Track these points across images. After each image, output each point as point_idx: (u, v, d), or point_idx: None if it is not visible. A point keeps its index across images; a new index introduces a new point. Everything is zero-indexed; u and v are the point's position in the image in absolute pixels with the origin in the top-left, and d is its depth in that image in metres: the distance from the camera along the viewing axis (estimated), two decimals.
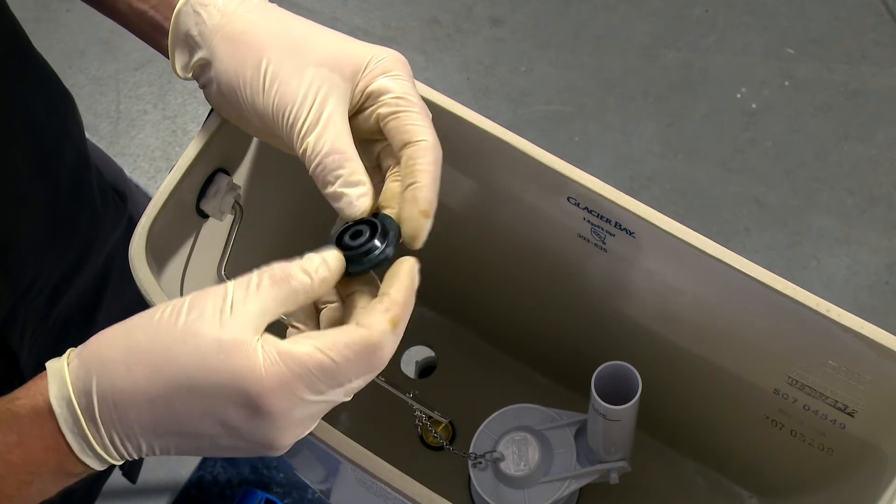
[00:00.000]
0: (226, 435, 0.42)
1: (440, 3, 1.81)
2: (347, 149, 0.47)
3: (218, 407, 0.41)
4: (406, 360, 0.90)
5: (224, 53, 0.51)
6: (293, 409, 0.41)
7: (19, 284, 0.66)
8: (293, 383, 0.41)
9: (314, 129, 0.48)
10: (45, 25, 1.79)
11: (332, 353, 0.41)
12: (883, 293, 1.55)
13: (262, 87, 0.49)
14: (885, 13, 1.78)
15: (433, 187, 0.48)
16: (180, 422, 0.41)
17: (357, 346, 0.42)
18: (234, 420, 0.41)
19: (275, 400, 0.40)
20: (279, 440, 0.42)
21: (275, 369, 0.40)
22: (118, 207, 0.79)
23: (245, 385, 0.40)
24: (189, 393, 0.41)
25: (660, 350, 0.72)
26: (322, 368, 0.41)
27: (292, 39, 0.50)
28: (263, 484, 1.33)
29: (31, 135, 0.63)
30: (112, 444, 0.42)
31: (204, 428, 0.41)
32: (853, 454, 0.66)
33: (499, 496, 0.73)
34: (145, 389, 0.41)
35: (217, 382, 0.40)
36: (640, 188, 1.63)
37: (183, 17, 0.53)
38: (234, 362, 0.40)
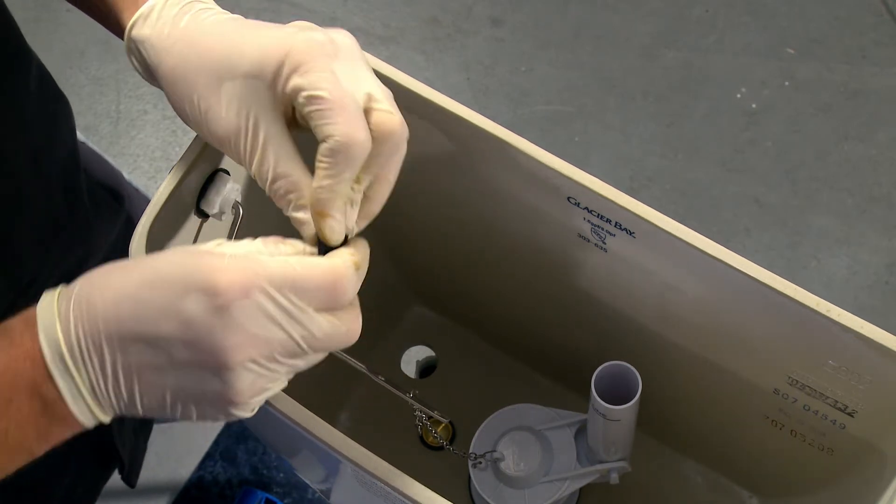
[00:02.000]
0: (182, 343, 0.41)
1: (440, 3, 1.81)
2: (290, 170, 0.47)
3: (177, 298, 0.41)
4: (406, 360, 0.90)
5: (167, 88, 0.51)
6: (247, 306, 0.41)
7: (18, 282, 0.66)
8: (252, 278, 0.41)
9: (255, 155, 0.48)
10: (45, 25, 1.79)
11: (297, 267, 0.42)
12: (883, 293, 1.55)
13: (201, 120, 0.49)
14: (885, 13, 1.78)
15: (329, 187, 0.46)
16: (141, 318, 0.41)
17: (322, 266, 0.43)
18: (191, 312, 0.41)
19: (230, 286, 0.41)
20: (230, 350, 0.41)
21: (238, 263, 0.41)
22: (113, 208, 0.79)
23: (206, 273, 0.41)
24: (153, 287, 0.41)
25: (660, 350, 0.72)
26: (284, 274, 0.42)
27: (216, 62, 0.49)
28: (263, 484, 1.33)
29: (24, 132, 0.63)
30: (79, 351, 0.42)
31: (163, 328, 0.41)
32: (853, 454, 0.66)
33: (499, 496, 0.73)
34: (115, 286, 0.42)
35: (181, 273, 0.41)
36: (640, 188, 1.63)
37: (130, 51, 0.53)
38: (201, 258, 0.42)
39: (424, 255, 0.84)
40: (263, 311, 0.41)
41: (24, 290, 0.67)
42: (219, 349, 0.41)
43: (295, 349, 0.43)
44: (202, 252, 0.42)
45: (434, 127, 0.63)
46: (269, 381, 0.44)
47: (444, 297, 0.88)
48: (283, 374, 0.44)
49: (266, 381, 0.43)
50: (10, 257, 0.64)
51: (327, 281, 0.43)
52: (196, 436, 1.38)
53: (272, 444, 0.85)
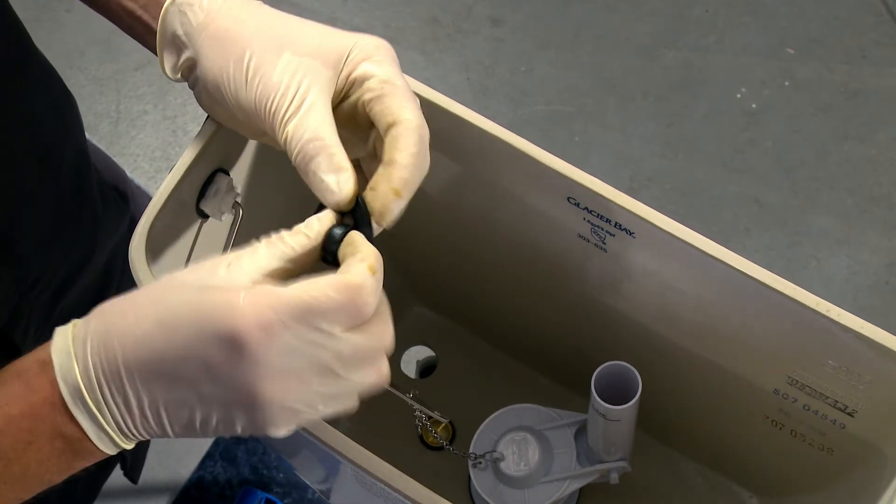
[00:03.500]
0: (208, 380, 0.41)
1: (440, 3, 1.81)
2: (328, 135, 0.47)
3: (198, 342, 0.40)
4: (406, 360, 0.90)
5: (208, 51, 0.51)
6: (272, 345, 0.40)
7: (25, 280, 0.66)
8: (270, 315, 0.40)
9: (295, 116, 0.47)
10: (45, 25, 1.79)
11: (313, 292, 0.41)
12: (883, 293, 1.55)
13: (245, 80, 0.49)
14: (885, 13, 1.78)
15: (411, 168, 0.47)
16: (162, 361, 0.41)
17: (339, 286, 0.41)
18: (213, 357, 0.40)
19: (249, 329, 0.40)
20: (261, 387, 0.41)
21: (253, 300, 0.40)
22: (120, 207, 0.79)
23: (222, 316, 0.40)
24: (171, 329, 0.41)
25: (660, 350, 0.72)
26: (302, 302, 0.40)
27: (275, 33, 0.50)
28: (263, 484, 1.33)
29: (33, 132, 0.63)
30: (102, 398, 0.42)
31: (186, 370, 0.41)
32: (853, 454, 0.66)
33: (499, 496, 0.73)
34: (133, 330, 0.41)
35: (198, 317, 0.40)
36: (640, 188, 1.63)
37: (169, 17, 0.53)
38: (214, 296, 0.40)
39: (424, 256, 0.84)
40: (288, 348, 0.40)
41: (29, 288, 0.67)
42: (244, 389, 0.41)
43: (329, 376, 0.42)
44: (215, 290, 0.41)
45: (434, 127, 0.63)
46: (312, 417, 0.43)
47: (444, 297, 0.88)
48: (325, 407, 0.43)
49: (308, 415, 0.43)
50: (16, 255, 0.64)
51: (347, 302, 0.41)
52: None
53: (272, 444, 0.85)
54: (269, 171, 0.65)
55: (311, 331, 0.41)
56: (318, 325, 0.41)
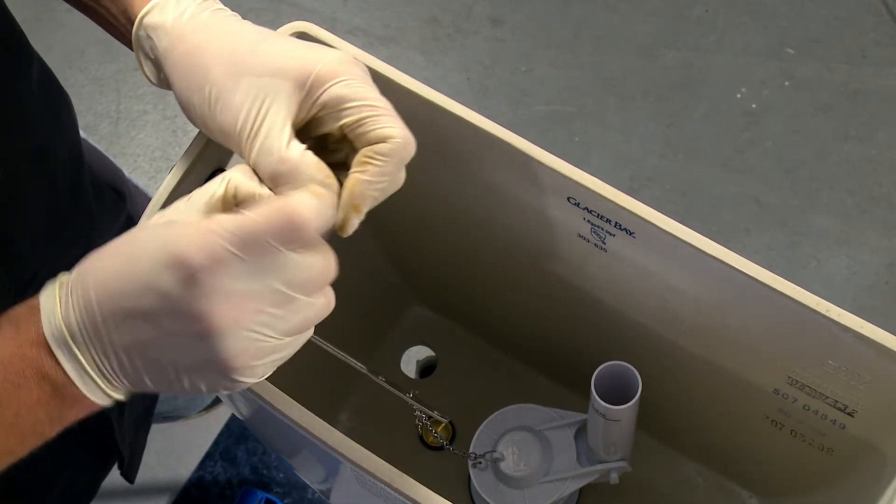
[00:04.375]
0: (166, 313, 0.42)
1: (440, 3, 1.81)
2: (293, 156, 0.47)
3: (154, 272, 0.41)
4: (406, 360, 0.90)
5: (175, 77, 0.51)
6: (218, 269, 0.41)
7: (20, 279, 0.66)
8: (214, 239, 0.41)
9: (258, 140, 0.48)
10: (45, 25, 1.79)
11: (251, 214, 0.42)
12: (883, 293, 1.55)
13: (208, 107, 0.50)
14: (885, 13, 1.78)
15: (383, 189, 0.48)
16: (126, 295, 0.42)
17: (275, 208, 0.42)
18: (167, 286, 0.41)
19: (193, 254, 0.41)
20: (216, 315, 0.41)
21: (196, 228, 0.41)
22: (116, 206, 0.79)
23: (171, 245, 0.41)
24: (134, 263, 0.42)
25: (660, 350, 0.72)
26: (243, 225, 0.41)
27: (235, 55, 0.50)
28: (263, 484, 1.33)
29: (27, 131, 0.63)
30: (81, 335, 0.43)
31: (146, 303, 0.42)
32: (853, 454, 0.66)
33: (499, 496, 0.73)
34: (104, 267, 0.43)
35: (153, 247, 0.42)
36: (640, 188, 1.63)
37: (139, 40, 0.53)
38: (166, 229, 0.42)
39: (424, 256, 0.84)
40: (232, 271, 0.41)
41: (25, 287, 0.67)
42: (198, 317, 0.41)
43: (279, 297, 0.43)
44: (169, 223, 0.43)
45: (434, 127, 0.63)
46: (272, 344, 0.44)
47: (444, 296, 0.88)
48: (283, 333, 0.44)
49: (266, 343, 0.43)
50: (12, 254, 0.64)
51: (283, 221, 0.42)
52: (196, 436, 1.39)
53: (272, 445, 0.85)
54: None
55: (255, 251, 0.42)
56: (260, 245, 0.41)
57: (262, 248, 0.42)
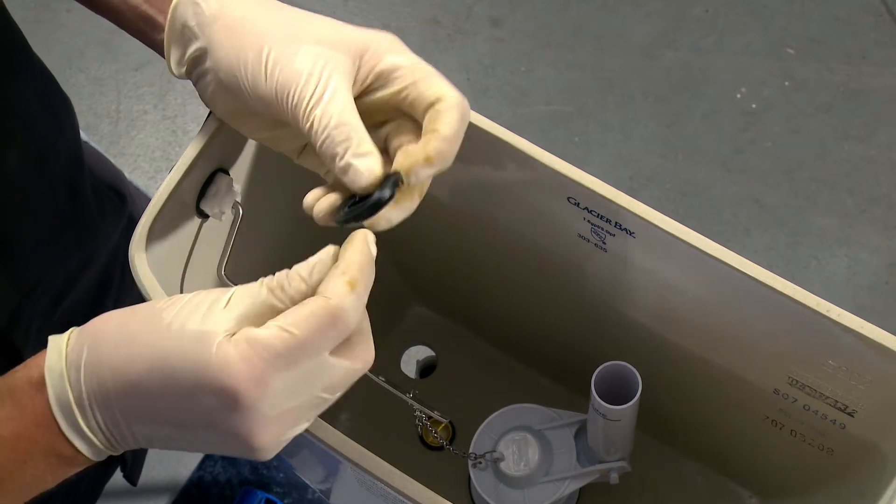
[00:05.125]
0: (202, 427, 0.42)
1: (440, 3, 1.81)
2: (354, 120, 0.47)
3: (193, 395, 0.41)
4: (406, 360, 0.90)
5: (223, 40, 0.51)
6: (266, 396, 0.41)
7: (24, 284, 0.66)
8: (261, 366, 0.41)
9: (319, 103, 0.47)
10: (45, 25, 1.79)
11: (295, 329, 0.41)
12: (883, 293, 1.55)
13: (265, 70, 0.49)
14: (885, 13, 1.78)
15: (450, 140, 0.47)
16: (155, 408, 0.42)
17: (319, 314, 0.41)
18: (208, 408, 0.41)
19: (247, 387, 0.40)
20: (257, 436, 0.42)
21: (243, 355, 0.41)
22: (118, 208, 0.79)
23: (216, 373, 0.40)
24: (165, 378, 0.41)
25: (660, 350, 0.72)
26: (288, 345, 0.41)
27: (292, 25, 0.50)
28: (263, 484, 1.33)
29: (28, 134, 0.63)
30: (97, 424, 0.42)
31: (181, 417, 0.42)
32: (853, 454, 0.66)
33: (499, 496, 0.73)
34: (126, 370, 0.42)
35: (192, 370, 0.41)
36: (640, 188, 1.63)
37: (181, 8, 0.53)
38: (207, 352, 0.41)
39: (424, 255, 0.84)
40: (280, 398, 0.42)
41: (29, 291, 0.67)
42: (245, 434, 0.42)
43: (319, 402, 0.43)
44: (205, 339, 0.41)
45: None
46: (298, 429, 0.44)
47: (444, 297, 0.88)
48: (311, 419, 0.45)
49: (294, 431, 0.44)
50: (15, 259, 0.64)
51: (329, 329, 0.42)
52: None
53: None
54: (269, 171, 0.65)
55: (300, 365, 0.42)
56: (307, 358, 0.42)
57: (308, 358, 0.42)
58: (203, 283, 0.63)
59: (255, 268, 0.68)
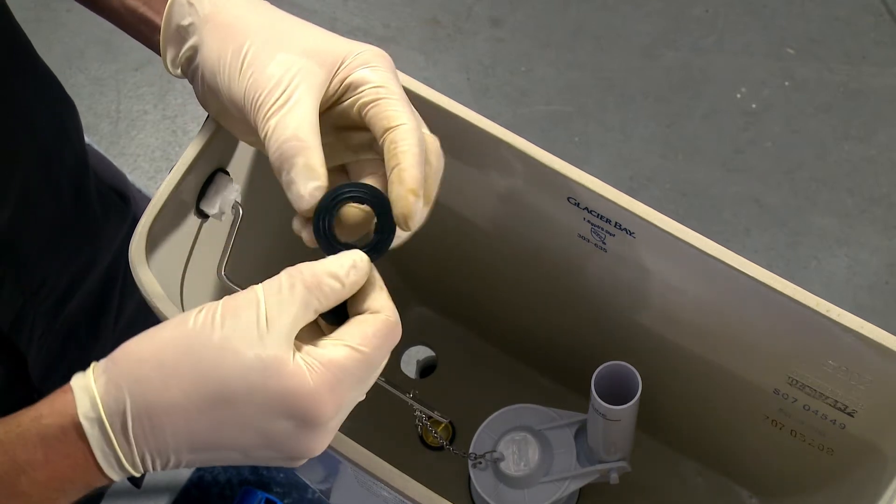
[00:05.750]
0: (265, 447, 0.42)
1: (440, 3, 1.81)
2: (309, 137, 0.47)
3: (265, 421, 0.41)
4: (406, 360, 0.90)
5: (210, 39, 0.51)
6: (339, 413, 0.43)
7: (29, 286, 0.66)
8: (340, 388, 0.42)
9: (278, 112, 0.47)
10: (45, 25, 1.79)
11: (364, 347, 0.43)
12: (883, 293, 1.55)
13: (240, 69, 0.49)
14: (885, 13, 1.78)
15: (417, 166, 0.47)
16: (220, 436, 0.42)
17: (384, 331, 0.45)
18: (279, 432, 0.42)
19: (328, 409, 0.42)
20: (317, 448, 0.43)
21: (323, 379, 0.42)
22: (121, 210, 0.79)
23: (298, 401, 0.41)
24: (232, 408, 0.41)
25: (660, 350, 0.72)
26: (359, 364, 0.43)
27: (277, 30, 0.51)
28: (263, 484, 1.33)
29: (32, 138, 0.63)
30: (142, 460, 0.42)
31: (244, 440, 0.42)
32: (853, 454, 0.66)
33: (499, 496, 0.73)
34: (184, 406, 0.41)
35: (266, 399, 0.41)
36: (640, 188, 1.63)
37: (176, 8, 0.53)
38: (282, 381, 0.41)
39: (424, 256, 0.84)
40: (348, 407, 0.44)
41: (34, 293, 0.67)
42: (306, 450, 0.43)
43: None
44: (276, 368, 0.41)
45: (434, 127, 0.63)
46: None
47: (444, 297, 0.88)
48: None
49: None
50: (20, 261, 0.64)
51: (388, 343, 0.45)
52: None
53: None
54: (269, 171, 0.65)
55: (367, 381, 0.45)
56: (372, 372, 0.44)
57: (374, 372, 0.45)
58: (203, 284, 0.63)
59: (255, 268, 0.68)
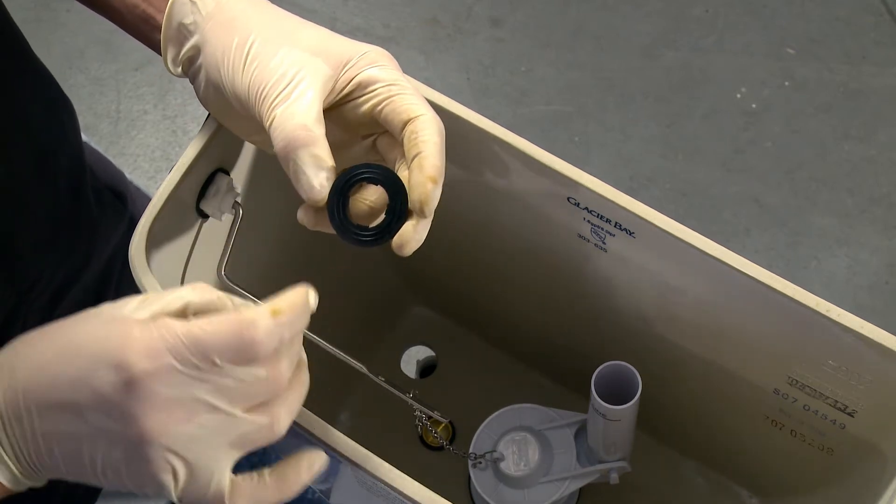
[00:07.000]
0: (97, 410, 0.40)
1: (440, 3, 1.81)
2: (315, 128, 0.47)
3: (90, 369, 0.40)
4: (406, 360, 0.90)
5: (214, 36, 0.51)
6: (159, 378, 0.40)
7: (21, 284, 0.66)
8: (158, 345, 0.40)
9: (284, 102, 0.47)
10: (45, 25, 1.79)
11: (203, 325, 0.40)
12: (883, 293, 1.55)
13: (244, 63, 0.49)
14: (885, 13, 1.78)
15: (439, 155, 0.48)
16: (56, 388, 0.41)
17: (229, 321, 0.41)
18: (103, 384, 0.40)
19: (138, 358, 0.40)
20: (148, 419, 0.40)
21: (144, 332, 0.40)
22: (118, 209, 0.79)
23: (115, 345, 0.40)
24: (68, 357, 0.41)
25: (660, 350, 0.72)
26: (190, 335, 0.40)
27: (281, 27, 0.51)
28: None
29: (28, 137, 0.63)
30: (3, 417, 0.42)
31: (77, 397, 0.41)
32: (853, 454, 0.66)
33: (499, 496, 0.73)
34: (37, 358, 0.42)
35: (93, 345, 0.41)
36: (640, 188, 1.63)
37: (178, 6, 0.53)
38: (110, 328, 0.41)
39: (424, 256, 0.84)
40: (174, 379, 0.40)
41: (27, 292, 0.67)
42: (133, 420, 0.40)
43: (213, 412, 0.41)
44: (115, 320, 0.41)
45: None
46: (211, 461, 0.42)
47: (444, 297, 0.88)
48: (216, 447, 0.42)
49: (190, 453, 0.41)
50: (13, 259, 0.64)
51: (233, 338, 0.40)
52: None
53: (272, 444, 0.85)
54: (269, 171, 0.65)
55: (199, 363, 0.40)
56: (205, 358, 0.40)
57: (206, 362, 0.40)
58: None
59: (254, 268, 0.68)
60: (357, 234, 0.49)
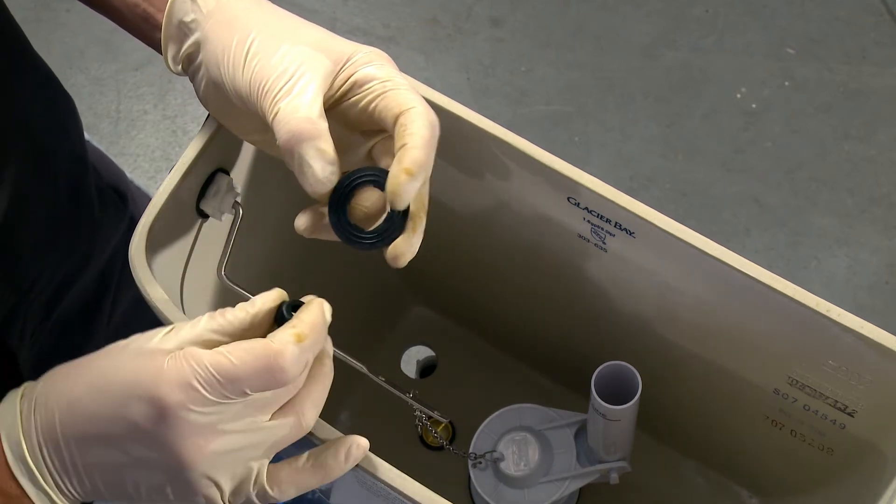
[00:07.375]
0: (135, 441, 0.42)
1: (440, 3, 1.81)
2: (319, 121, 0.47)
3: (125, 404, 0.42)
4: (406, 360, 0.90)
5: (214, 34, 0.51)
6: (191, 407, 0.42)
7: (21, 284, 0.66)
8: (189, 377, 0.42)
9: (287, 96, 0.47)
10: (45, 25, 1.79)
11: (231, 356, 0.42)
12: (883, 293, 1.55)
13: (244, 60, 0.49)
14: (885, 13, 1.78)
15: (423, 148, 0.47)
16: (93, 422, 0.43)
17: (256, 351, 0.43)
18: (139, 418, 0.42)
19: (169, 390, 0.41)
20: (184, 449, 0.42)
21: (174, 365, 0.42)
22: (118, 209, 0.79)
23: (146, 377, 0.42)
24: (102, 392, 0.43)
25: (660, 350, 0.72)
26: (219, 366, 0.42)
27: (282, 25, 0.51)
28: None
29: (29, 136, 0.63)
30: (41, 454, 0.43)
31: (115, 431, 0.42)
32: (853, 454, 0.66)
33: (499, 496, 0.73)
34: (70, 392, 0.43)
35: (125, 379, 0.42)
36: (640, 188, 1.63)
37: (178, 4, 0.53)
38: (141, 362, 0.43)
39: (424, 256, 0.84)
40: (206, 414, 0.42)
41: (26, 292, 0.67)
42: (170, 449, 0.42)
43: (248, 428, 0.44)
44: (144, 353, 0.43)
45: None
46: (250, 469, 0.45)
47: (444, 297, 0.88)
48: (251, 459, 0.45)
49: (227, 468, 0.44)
50: (13, 259, 0.64)
51: (262, 368, 0.43)
52: None
53: None
54: (269, 171, 0.65)
55: (229, 394, 0.42)
56: (235, 390, 0.42)
57: (236, 392, 0.42)
58: (203, 284, 0.63)
59: (255, 268, 0.68)
60: (357, 237, 0.49)
